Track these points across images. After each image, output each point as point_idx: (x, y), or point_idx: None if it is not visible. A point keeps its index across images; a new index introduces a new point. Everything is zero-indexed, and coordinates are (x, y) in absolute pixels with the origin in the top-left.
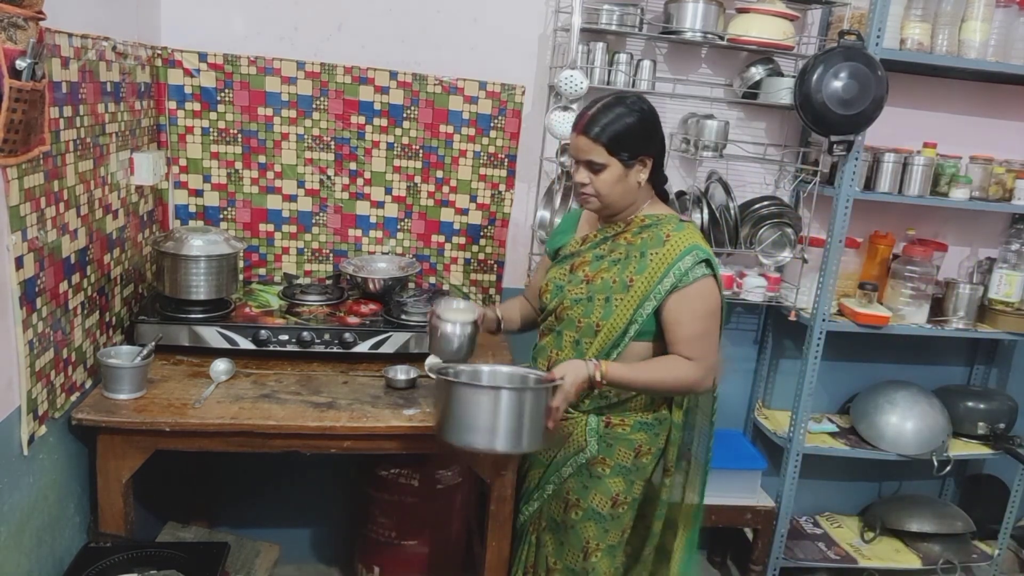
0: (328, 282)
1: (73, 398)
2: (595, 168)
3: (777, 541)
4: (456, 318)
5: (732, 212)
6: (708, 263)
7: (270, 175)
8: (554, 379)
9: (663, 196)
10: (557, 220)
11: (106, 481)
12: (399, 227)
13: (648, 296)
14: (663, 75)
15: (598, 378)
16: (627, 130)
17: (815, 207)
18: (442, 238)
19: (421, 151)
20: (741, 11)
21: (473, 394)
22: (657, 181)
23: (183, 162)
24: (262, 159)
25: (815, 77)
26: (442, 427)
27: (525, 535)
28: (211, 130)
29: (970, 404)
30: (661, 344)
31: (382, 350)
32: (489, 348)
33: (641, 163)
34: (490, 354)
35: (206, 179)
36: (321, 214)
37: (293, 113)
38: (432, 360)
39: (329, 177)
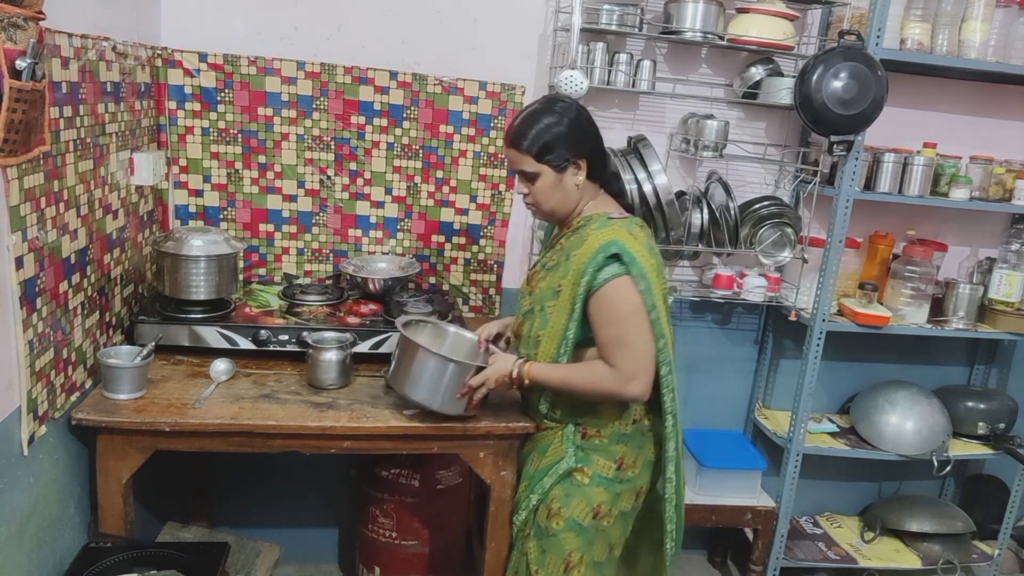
0: (328, 282)
1: (73, 398)
2: (529, 177)
3: (777, 541)
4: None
5: (732, 212)
6: (620, 259)
7: (270, 175)
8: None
9: (617, 191)
10: None
11: (106, 481)
12: (399, 227)
13: (573, 302)
14: (663, 75)
15: (515, 374)
16: (552, 136)
17: (815, 207)
18: (442, 238)
19: (421, 151)
20: (741, 11)
21: (412, 348)
22: (602, 179)
23: (183, 162)
24: (262, 159)
25: (815, 77)
26: (390, 370)
27: (517, 544)
28: (211, 130)
29: (970, 404)
30: None
31: (382, 350)
32: None
33: (575, 166)
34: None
35: (206, 179)
36: (321, 214)
37: (293, 113)
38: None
39: (329, 177)
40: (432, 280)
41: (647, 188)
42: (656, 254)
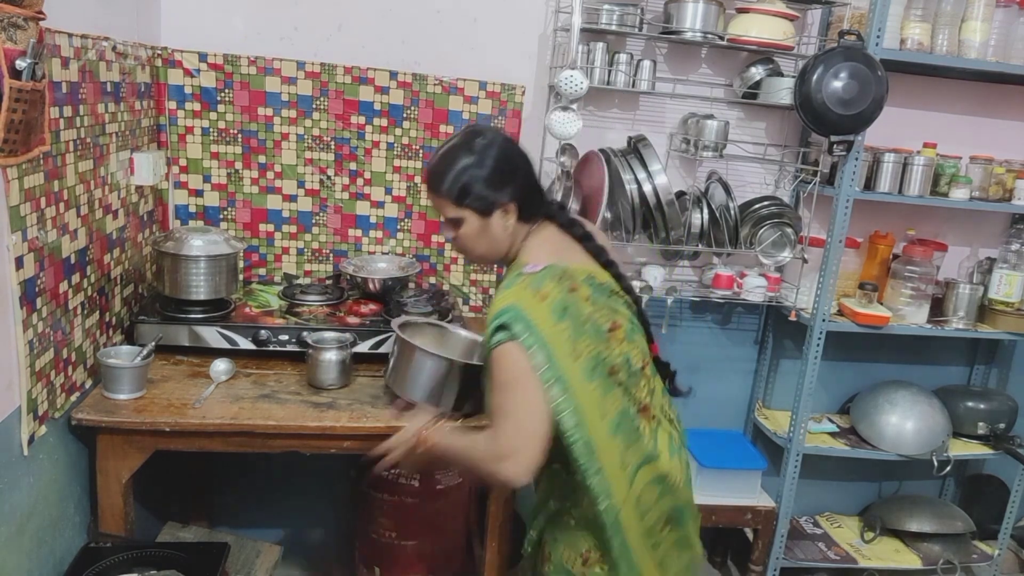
0: (328, 282)
1: (73, 398)
2: (453, 223)
3: (777, 541)
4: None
5: (732, 212)
6: (505, 327)
7: (270, 175)
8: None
9: (566, 222)
10: None
11: (106, 481)
12: (399, 227)
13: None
14: (663, 75)
15: (416, 441)
16: (472, 179)
17: (815, 207)
18: (442, 238)
19: (421, 151)
20: (741, 11)
21: (408, 349)
22: (541, 214)
23: (183, 162)
24: (262, 159)
25: (815, 77)
26: (387, 373)
27: None
28: (211, 130)
29: (970, 404)
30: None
31: (382, 350)
32: None
33: (502, 209)
34: None
35: (206, 179)
36: (321, 214)
37: (293, 113)
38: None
39: (329, 177)
40: (432, 280)
41: (647, 188)
42: (575, 313)
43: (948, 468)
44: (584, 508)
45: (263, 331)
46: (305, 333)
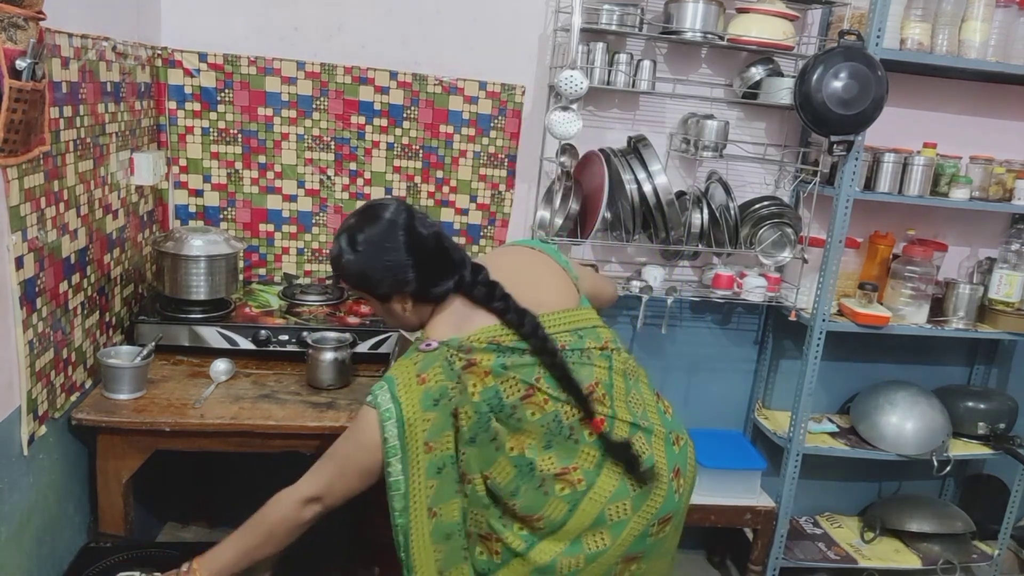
0: (328, 282)
1: (73, 398)
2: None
3: (777, 541)
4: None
5: (732, 212)
6: (372, 395)
7: (270, 175)
8: None
9: (482, 297)
10: (557, 221)
11: (106, 481)
12: None
13: None
14: (663, 75)
15: None
16: (356, 275)
17: (815, 207)
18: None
19: (421, 151)
20: (741, 11)
21: (405, 341)
22: (440, 296)
23: (183, 162)
24: (262, 159)
25: (815, 77)
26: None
27: None
28: (211, 130)
29: (970, 404)
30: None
31: (382, 350)
32: None
33: (399, 298)
34: None
35: (206, 179)
36: (321, 214)
37: (293, 113)
38: None
39: (329, 177)
40: None
41: (647, 188)
42: (452, 405)
43: (948, 468)
44: None
45: (263, 331)
46: (305, 333)
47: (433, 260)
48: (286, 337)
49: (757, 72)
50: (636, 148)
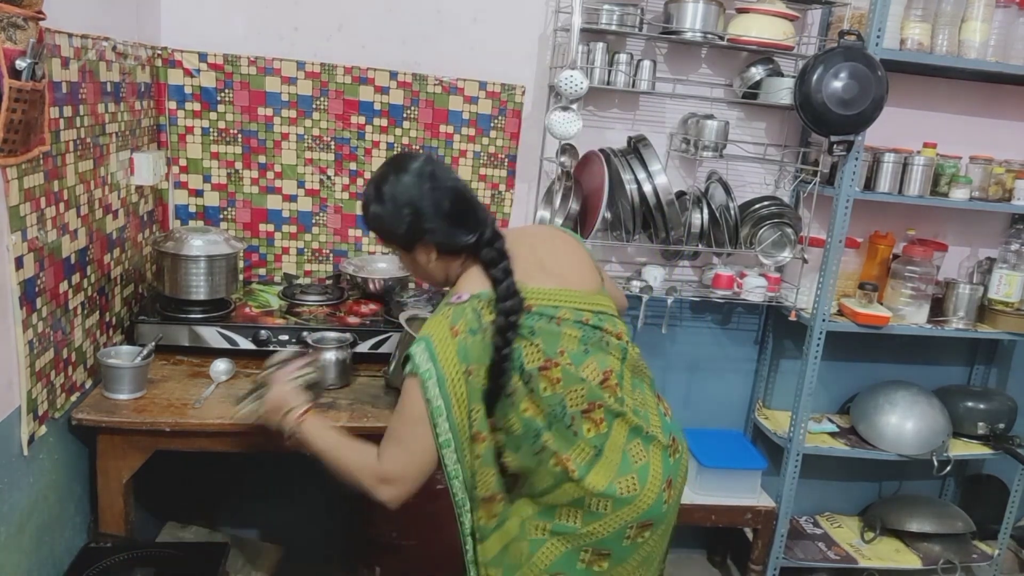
0: (328, 282)
1: (73, 398)
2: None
3: (777, 541)
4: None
5: (732, 212)
6: (411, 358)
7: (270, 175)
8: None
9: (488, 260)
10: (557, 221)
11: (106, 481)
12: None
13: None
14: (663, 75)
15: (283, 418)
16: (380, 222)
17: (815, 207)
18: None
19: (421, 151)
20: (741, 11)
21: (408, 338)
22: (464, 251)
23: (183, 162)
24: (262, 159)
25: (815, 77)
26: (391, 368)
27: None
28: (211, 130)
29: (970, 404)
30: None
31: (382, 350)
32: None
33: (423, 247)
34: None
35: (206, 179)
36: (321, 214)
37: (293, 113)
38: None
39: (329, 177)
40: None
41: (647, 188)
42: (479, 354)
43: (948, 468)
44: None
45: (263, 331)
46: (305, 333)
47: (456, 212)
48: (286, 337)
49: (757, 72)
50: (636, 148)
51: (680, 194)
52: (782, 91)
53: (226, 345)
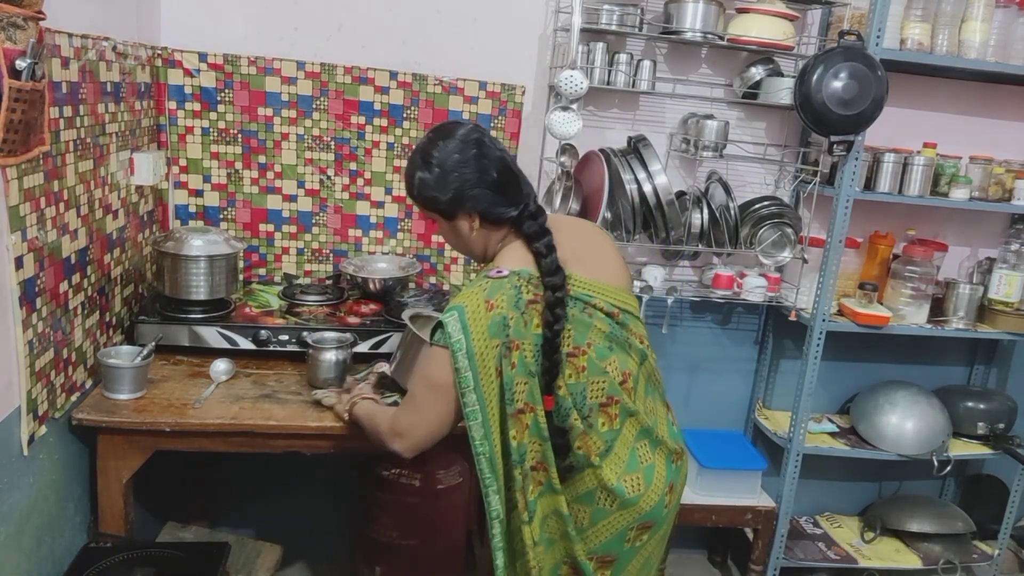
0: (328, 282)
1: (73, 398)
2: (431, 219)
3: (777, 541)
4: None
5: (732, 212)
6: (443, 327)
7: (270, 175)
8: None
9: (531, 234)
10: None
11: (106, 481)
12: (399, 227)
13: None
14: (663, 75)
15: (345, 408)
16: (424, 187)
17: (815, 207)
18: (442, 238)
19: None
20: (741, 11)
21: (417, 343)
22: (506, 223)
23: (183, 162)
24: (262, 159)
25: (815, 77)
26: (393, 364)
27: None
28: (211, 130)
29: (970, 404)
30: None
31: (382, 350)
32: None
33: (465, 215)
34: None
35: (206, 179)
36: (321, 214)
37: (293, 113)
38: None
39: (329, 177)
40: (432, 280)
41: (647, 188)
42: (521, 330)
43: (948, 468)
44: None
45: (263, 331)
46: (305, 333)
47: (501, 182)
48: (286, 337)
49: (757, 72)
50: (636, 148)
51: (680, 194)
52: (782, 91)
53: (226, 345)
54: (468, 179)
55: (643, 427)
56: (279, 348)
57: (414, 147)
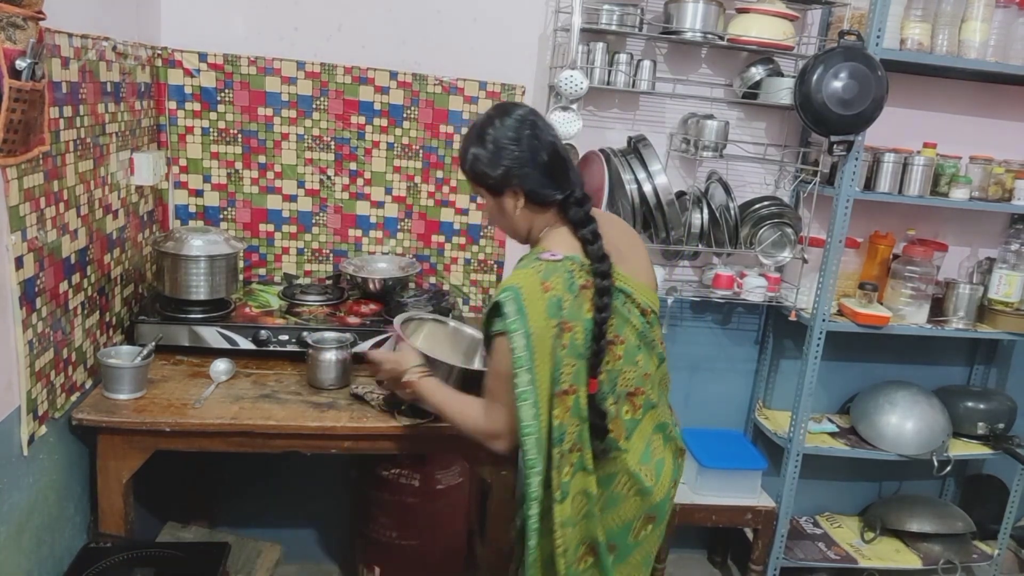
0: (328, 282)
1: (73, 398)
2: (478, 195)
3: (777, 541)
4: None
5: (732, 212)
6: (500, 307)
7: (270, 175)
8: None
9: (576, 220)
10: None
11: (106, 481)
12: (399, 227)
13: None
14: (663, 75)
15: (407, 377)
16: (476, 161)
17: (815, 207)
18: (442, 238)
19: (421, 151)
20: (741, 11)
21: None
22: (552, 205)
23: (183, 162)
24: (262, 159)
25: (815, 77)
26: None
27: None
28: (211, 130)
29: (970, 404)
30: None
31: (382, 350)
32: None
33: (512, 193)
34: None
35: (206, 179)
36: (321, 214)
37: (293, 113)
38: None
39: (329, 177)
40: (432, 280)
41: (647, 188)
42: (575, 312)
43: (948, 468)
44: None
45: (263, 331)
46: (305, 333)
47: (551, 165)
48: (286, 337)
49: (757, 72)
50: (636, 148)
51: (680, 194)
52: (782, 91)
53: (226, 345)
54: (519, 158)
55: (660, 422)
56: (279, 348)
57: (471, 123)
